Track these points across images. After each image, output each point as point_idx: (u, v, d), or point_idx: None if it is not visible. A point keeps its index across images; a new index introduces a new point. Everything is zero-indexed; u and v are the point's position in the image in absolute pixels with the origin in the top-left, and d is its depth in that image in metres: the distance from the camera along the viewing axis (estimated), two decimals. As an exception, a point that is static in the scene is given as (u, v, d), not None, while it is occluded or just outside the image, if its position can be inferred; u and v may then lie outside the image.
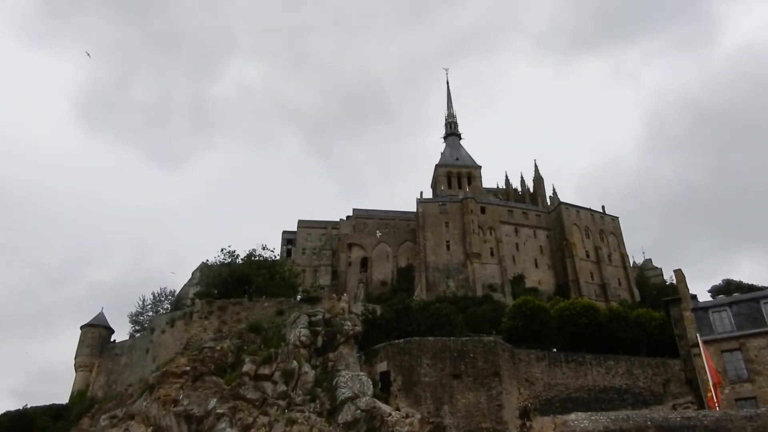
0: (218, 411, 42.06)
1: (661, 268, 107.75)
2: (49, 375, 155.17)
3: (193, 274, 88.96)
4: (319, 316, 50.78)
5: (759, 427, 21.36)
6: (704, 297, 71.19)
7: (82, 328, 63.88)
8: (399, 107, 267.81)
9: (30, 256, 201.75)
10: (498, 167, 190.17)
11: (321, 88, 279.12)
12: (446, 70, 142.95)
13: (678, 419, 22.08)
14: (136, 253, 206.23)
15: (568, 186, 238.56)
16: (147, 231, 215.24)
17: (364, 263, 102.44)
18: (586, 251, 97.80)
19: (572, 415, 22.88)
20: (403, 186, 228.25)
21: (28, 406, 57.19)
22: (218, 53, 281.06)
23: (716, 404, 27.11)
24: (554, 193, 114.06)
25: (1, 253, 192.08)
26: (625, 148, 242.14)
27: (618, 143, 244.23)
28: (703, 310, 35.79)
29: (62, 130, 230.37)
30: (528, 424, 46.93)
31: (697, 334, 32.42)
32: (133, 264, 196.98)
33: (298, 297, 57.74)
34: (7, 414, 55.21)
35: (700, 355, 31.16)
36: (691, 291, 66.71)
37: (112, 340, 64.78)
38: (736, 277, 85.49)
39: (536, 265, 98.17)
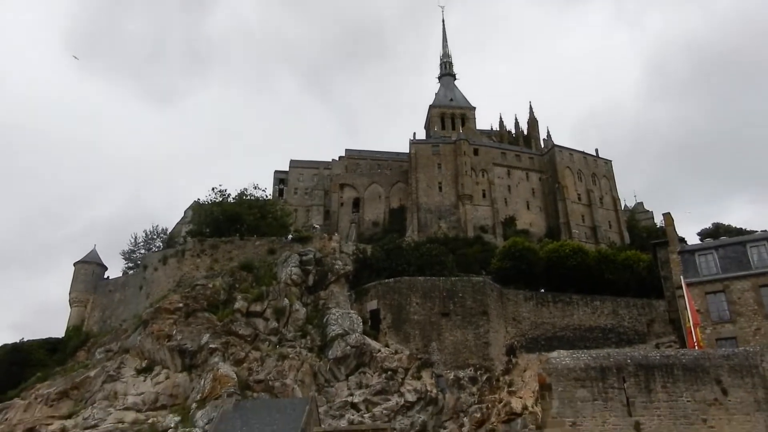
0: (211, 346, 43.00)
1: (652, 212, 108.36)
2: (47, 310, 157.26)
3: (185, 212, 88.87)
4: (311, 256, 51.19)
5: (736, 366, 21.99)
6: (694, 240, 71.98)
7: (75, 264, 64.38)
8: (398, 47, 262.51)
9: (27, 193, 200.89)
10: (493, 109, 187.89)
11: (319, 25, 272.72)
12: (442, 7, 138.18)
13: (657, 357, 22.68)
14: (131, 191, 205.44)
15: (565, 130, 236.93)
16: (142, 169, 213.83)
17: (356, 204, 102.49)
18: (578, 194, 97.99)
19: (555, 353, 23.45)
20: (400, 127, 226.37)
21: (25, 340, 58.15)
22: None
23: (695, 344, 27.82)
24: (548, 136, 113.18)
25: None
26: (625, 93, 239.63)
27: (618, 87, 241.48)
28: (689, 253, 36.26)
29: (53, 66, 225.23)
30: (514, 360, 48.28)
31: (681, 276, 32.94)
32: (129, 202, 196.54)
33: (290, 236, 57.96)
34: (4, 347, 56.11)
35: (683, 296, 31.75)
36: (682, 234, 67.47)
37: (105, 276, 65.39)
38: (728, 222, 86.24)
39: (528, 208, 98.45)
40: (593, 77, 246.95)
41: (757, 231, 52.68)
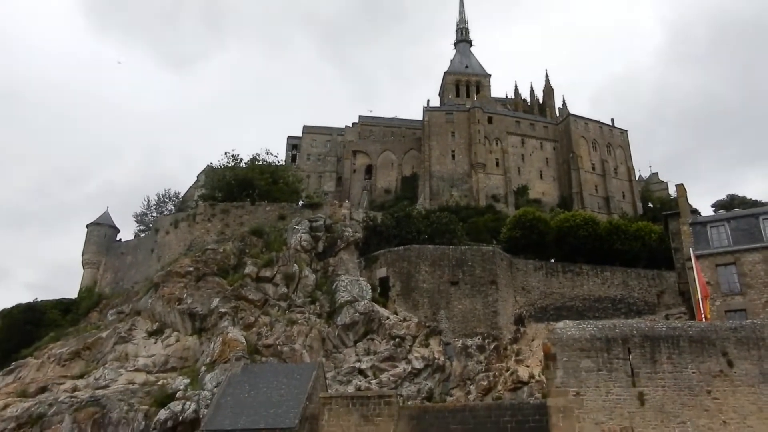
0: (221, 310, 43.47)
1: (666, 183, 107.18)
2: (63, 271, 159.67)
3: (198, 176, 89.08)
4: (320, 222, 51.32)
5: (742, 338, 21.80)
6: (709, 212, 71.21)
7: (88, 226, 64.99)
8: (416, 12, 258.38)
9: (42, 154, 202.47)
10: (509, 77, 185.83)
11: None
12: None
13: (664, 329, 22.54)
14: (147, 154, 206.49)
15: (583, 99, 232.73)
16: (158, 132, 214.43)
17: (369, 171, 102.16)
18: (593, 164, 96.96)
19: (560, 323, 23.38)
20: (415, 94, 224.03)
21: (39, 300, 59.12)
22: None
23: (702, 316, 27.62)
24: (564, 104, 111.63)
25: (15, 150, 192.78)
26: (645, 62, 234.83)
27: (637, 56, 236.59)
28: (701, 224, 35.72)
29: (69, 27, 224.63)
30: (522, 329, 48.41)
31: (691, 248, 32.54)
32: (145, 165, 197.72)
33: (300, 202, 58.00)
34: (19, 306, 57.09)
35: (692, 268, 31.42)
36: (697, 206, 66.65)
37: (117, 239, 66.01)
38: (747, 193, 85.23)
39: (541, 177, 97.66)
40: (613, 46, 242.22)
41: (772, 203, 51.97)
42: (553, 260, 53.49)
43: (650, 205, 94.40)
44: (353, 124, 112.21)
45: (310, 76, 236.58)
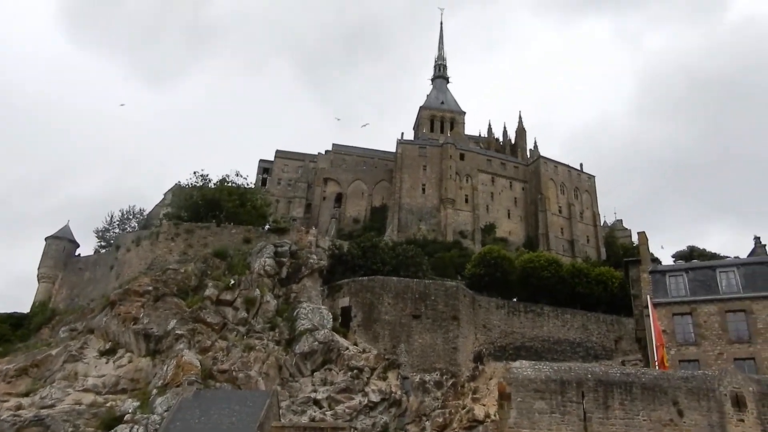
0: (177, 332, 42.50)
1: (630, 230, 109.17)
2: (19, 283, 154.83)
3: (165, 195, 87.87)
4: (286, 248, 50.87)
5: (693, 388, 22.10)
6: (670, 262, 72.60)
7: (46, 239, 63.34)
8: (396, 46, 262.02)
9: (8, 163, 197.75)
10: (483, 115, 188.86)
11: (320, 19, 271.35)
12: (441, 10, 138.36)
13: (617, 374, 22.73)
14: (117, 169, 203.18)
15: (555, 142, 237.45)
16: (130, 147, 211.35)
17: (339, 199, 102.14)
18: (559, 206, 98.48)
19: (517, 363, 23.44)
20: (391, 126, 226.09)
21: (-11, 313, 57.06)
22: None
23: (656, 364, 27.97)
24: (535, 146, 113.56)
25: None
26: (618, 110, 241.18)
27: (611, 104, 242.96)
28: (660, 273, 36.43)
29: (48, 36, 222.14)
30: (481, 367, 48.34)
31: (648, 296, 33.11)
32: (114, 180, 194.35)
33: (267, 227, 57.54)
34: (-34, 319, 55.03)
35: (650, 315, 31.92)
36: (659, 256, 67.89)
37: (77, 254, 64.43)
38: (707, 246, 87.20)
39: (509, 216, 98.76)
40: (588, 92, 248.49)
41: (729, 257, 53.32)
42: (515, 299, 53.84)
43: (615, 250, 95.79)
44: (326, 151, 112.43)
45: (287, 101, 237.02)
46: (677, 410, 21.72)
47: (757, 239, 40.23)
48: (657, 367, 27.46)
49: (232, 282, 46.31)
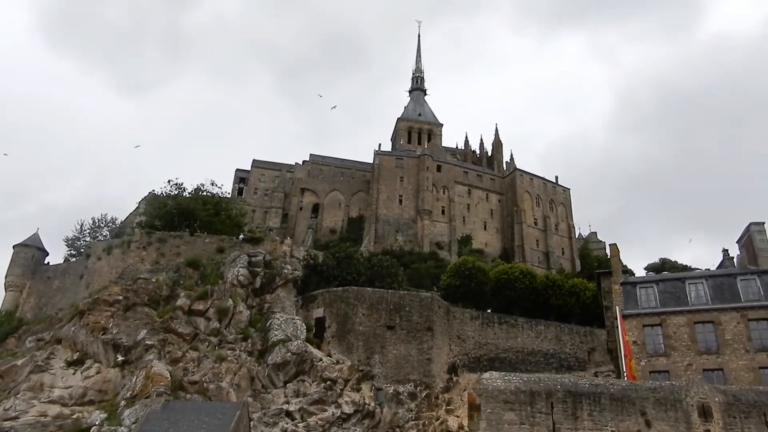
0: (147, 342, 41.79)
1: (605, 242, 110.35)
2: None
3: (139, 203, 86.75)
4: (260, 258, 50.44)
5: (661, 399, 22.25)
6: (641, 273, 73.46)
7: (14, 247, 61.99)
8: (375, 58, 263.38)
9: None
10: (461, 128, 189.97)
11: (298, 30, 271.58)
12: (419, 22, 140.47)
13: (586, 385, 22.81)
14: (93, 178, 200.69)
15: (532, 156, 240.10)
16: (107, 156, 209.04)
17: (316, 209, 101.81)
18: (535, 219, 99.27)
19: (487, 374, 23.41)
20: (368, 138, 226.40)
21: (-47, 323, 55.59)
22: None
23: (624, 375, 28.15)
24: (512, 159, 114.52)
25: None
26: (593, 123, 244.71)
27: (587, 118, 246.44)
28: (631, 285, 36.78)
29: (24, 42, 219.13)
30: (455, 379, 48.30)
31: (616, 307, 33.40)
32: (90, 189, 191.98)
33: (241, 236, 57.05)
34: (-73, 328, 53.53)
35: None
36: (631, 267, 68.48)
37: (46, 262, 63.17)
38: (679, 259, 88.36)
39: (485, 228, 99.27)
40: (564, 106, 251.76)
41: (700, 269, 53.99)
42: (489, 311, 53.99)
43: (589, 262, 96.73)
44: (304, 161, 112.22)
45: (265, 111, 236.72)
46: (645, 421, 21.83)
47: (725, 252, 40.85)
48: (626, 379, 27.63)
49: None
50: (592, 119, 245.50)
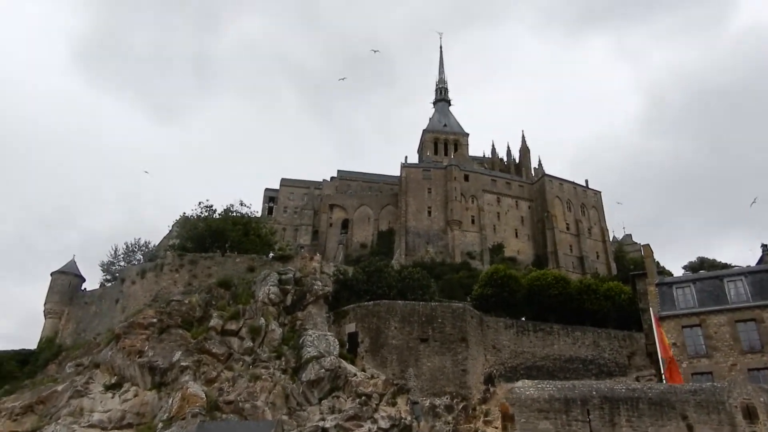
0: (182, 364, 42.05)
1: (639, 244, 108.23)
2: (32, 320, 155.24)
3: (171, 227, 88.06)
4: (290, 275, 50.55)
5: (702, 401, 21.50)
6: (680, 274, 71.80)
7: (52, 274, 63.42)
8: (400, 72, 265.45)
9: (23, 201, 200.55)
10: (487, 136, 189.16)
11: (326, 48, 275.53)
12: (440, 34, 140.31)
13: (623, 390, 22.19)
14: (129, 203, 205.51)
15: (561, 160, 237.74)
16: (141, 181, 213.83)
17: (345, 225, 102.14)
18: (567, 224, 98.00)
19: (519, 383, 22.96)
20: (396, 151, 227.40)
21: (-3, 351, 57.05)
22: (225, 6, 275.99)
23: (663, 378, 27.32)
24: (540, 164, 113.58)
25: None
26: (623, 126, 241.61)
27: (616, 120, 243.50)
28: (667, 285, 35.90)
29: (60, 75, 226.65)
30: (492, 389, 47.45)
31: (650, 309, 32.55)
32: (126, 215, 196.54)
33: (270, 255, 57.41)
34: (-25, 358, 54.98)
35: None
36: (669, 268, 66.85)
37: (83, 288, 64.45)
38: (718, 257, 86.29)
39: (516, 235, 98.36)
40: (592, 110, 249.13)
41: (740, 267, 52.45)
42: (523, 318, 53.12)
43: (625, 265, 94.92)
44: (331, 178, 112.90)
45: (294, 130, 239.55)
46: (687, 425, 21.11)
47: (764, 247, 39.55)
48: (665, 381, 26.80)
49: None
50: (622, 121, 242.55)
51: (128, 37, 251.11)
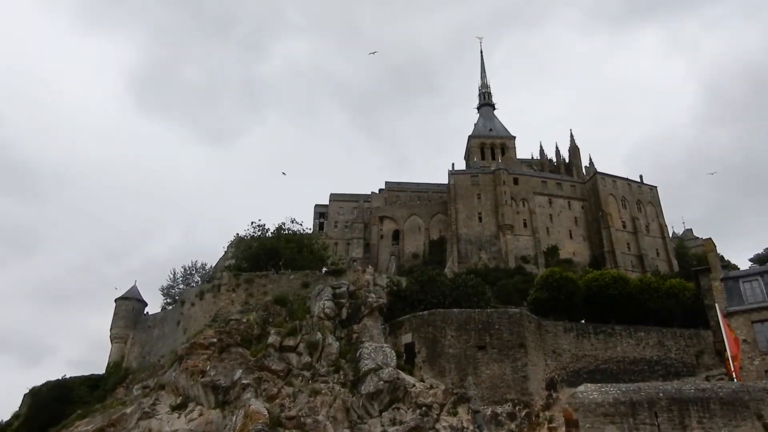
0: (244, 381, 42.65)
1: (701, 239, 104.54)
2: (99, 346, 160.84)
3: (227, 248, 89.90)
4: (344, 288, 50.87)
5: (778, 400, 20.50)
6: (746, 266, 68.98)
7: (116, 301, 65.60)
8: (445, 80, 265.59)
9: (88, 231, 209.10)
10: (535, 138, 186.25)
11: (368, 63, 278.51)
12: (480, 39, 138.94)
13: (692, 391, 21.35)
14: (187, 228, 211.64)
15: (616, 158, 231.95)
16: (197, 206, 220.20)
17: (396, 236, 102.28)
18: (623, 222, 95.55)
19: (582, 387, 22.37)
20: (443, 159, 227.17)
21: (67, 377, 59.16)
22: (268, 31, 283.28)
23: (733, 375, 26.14)
24: (591, 163, 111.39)
25: (62, 228, 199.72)
26: (679, 119, 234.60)
27: (671, 114, 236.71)
28: (733, 279, 34.55)
29: (116, 108, 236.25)
30: (554, 395, 46.42)
31: (716, 305, 31.23)
32: (185, 239, 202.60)
33: (324, 269, 57.91)
34: (47, 384, 57.20)
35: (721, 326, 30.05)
36: (736, 262, 64.28)
37: (145, 312, 66.40)
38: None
39: (571, 236, 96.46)
40: (646, 105, 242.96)
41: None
42: (583, 321, 51.85)
43: (688, 261, 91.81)
44: (380, 190, 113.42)
45: (342, 146, 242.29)
46: (763, 424, 20.15)
47: (836, 234, 37.51)
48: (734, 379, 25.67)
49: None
50: (678, 115, 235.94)
51: (178, 67, 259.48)
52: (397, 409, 42.51)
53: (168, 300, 69.42)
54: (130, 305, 64.80)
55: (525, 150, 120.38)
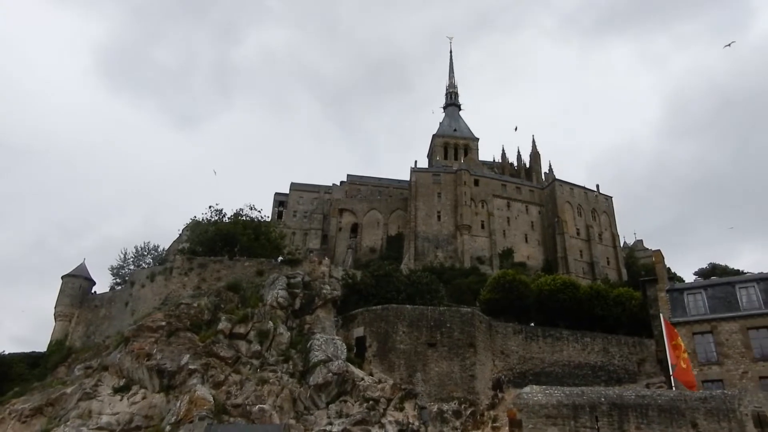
0: (191, 367, 42.05)
1: (651, 250, 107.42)
2: (45, 324, 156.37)
3: (182, 231, 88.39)
4: (299, 279, 50.55)
5: (712, 409, 21.19)
6: (691, 280, 71.16)
7: (63, 278, 63.73)
8: (418, 80, 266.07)
9: (46, 208, 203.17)
10: (503, 143, 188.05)
11: (344, 57, 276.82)
12: (450, 38, 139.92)
13: (632, 397, 21.93)
14: (147, 210, 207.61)
15: (579, 166, 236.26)
16: (158, 188, 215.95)
17: (355, 229, 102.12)
18: (577, 229, 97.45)
19: (527, 388, 22.75)
20: (408, 156, 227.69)
21: (6, 353, 57.33)
22: (246, 17, 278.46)
23: (672, 385, 27.03)
24: (550, 169, 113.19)
25: (16, 204, 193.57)
26: (643, 132, 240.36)
27: (635, 126, 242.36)
28: (678, 291, 35.56)
29: (84, 85, 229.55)
30: (500, 395, 47.15)
31: (661, 315, 32.18)
32: (144, 220, 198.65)
33: (279, 258, 57.45)
34: (-15, 360, 55.37)
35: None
36: (682, 275, 66.12)
37: (93, 291, 64.73)
38: (737, 265, 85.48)
39: (526, 240, 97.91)
40: (611, 116, 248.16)
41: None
42: (533, 324, 52.80)
43: (636, 271, 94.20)
44: (341, 182, 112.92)
45: (310, 138, 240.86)
46: (696, 432, 20.82)
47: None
48: (674, 388, 26.49)
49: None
50: (642, 127, 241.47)
51: (149, 48, 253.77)
52: (344, 402, 42.54)
53: (117, 280, 67.87)
54: (77, 283, 62.97)
55: (488, 152, 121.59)
